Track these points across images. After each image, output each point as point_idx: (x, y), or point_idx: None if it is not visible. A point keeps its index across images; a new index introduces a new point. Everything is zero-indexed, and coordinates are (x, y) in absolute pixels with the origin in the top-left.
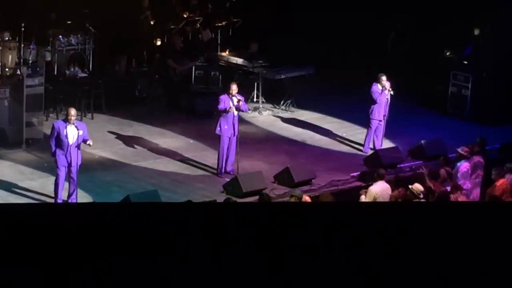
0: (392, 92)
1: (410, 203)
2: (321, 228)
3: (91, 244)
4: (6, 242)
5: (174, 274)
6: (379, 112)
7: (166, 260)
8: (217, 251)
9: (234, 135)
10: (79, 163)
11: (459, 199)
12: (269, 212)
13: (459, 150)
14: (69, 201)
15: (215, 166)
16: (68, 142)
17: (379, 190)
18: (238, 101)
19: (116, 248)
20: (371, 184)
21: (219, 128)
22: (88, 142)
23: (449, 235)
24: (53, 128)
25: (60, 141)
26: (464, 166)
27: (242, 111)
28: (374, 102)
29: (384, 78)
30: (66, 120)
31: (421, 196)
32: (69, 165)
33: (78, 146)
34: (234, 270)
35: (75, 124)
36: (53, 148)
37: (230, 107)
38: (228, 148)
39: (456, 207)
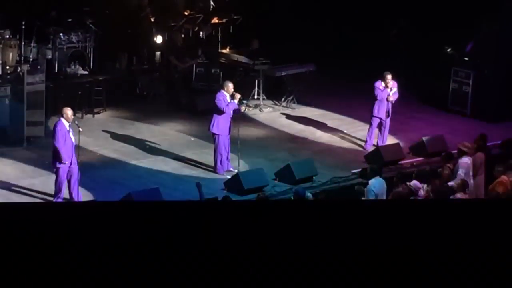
0: (394, 90)
1: (410, 200)
2: (321, 226)
3: (92, 243)
4: (6, 241)
5: (174, 272)
6: (380, 109)
7: (167, 258)
8: (217, 249)
9: (229, 133)
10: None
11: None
12: (269, 210)
13: (460, 146)
14: (71, 199)
15: None
16: (73, 141)
17: (377, 186)
18: (240, 100)
19: (117, 247)
20: (367, 183)
21: (216, 127)
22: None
23: (449, 233)
24: (57, 131)
25: (65, 141)
26: (465, 162)
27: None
28: (375, 98)
29: (389, 76)
30: (66, 120)
31: (419, 192)
32: (71, 163)
33: (77, 144)
34: (234, 268)
35: (76, 122)
36: (64, 152)
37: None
38: (227, 146)
39: (457, 204)
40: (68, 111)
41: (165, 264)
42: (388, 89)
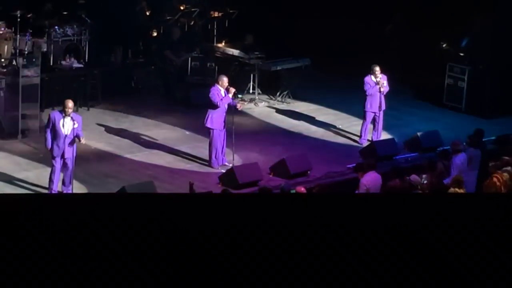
0: (384, 84)
1: (406, 194)
2: (316, 220)
3: (85, 235)
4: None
5: (168, 267)
6: (372, 104)
7: (161, 252)
8: (212, 243)
9: (224, 127)
10: (75, 155)
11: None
12: (265, 203)
13: (455, 142)
14: (64, 192)
15: None
16: (63, 133)
17: (370, 180)
18: (234, 94)
19: (111, 239)
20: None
21: (210, 121)
22: (81, 140)
23: (446, 226)
24: (49, 118)
25: (55, 132)
26: (459, 158)
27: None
28: (366, 93)
29: (377, 69)
30: (63, 112)
31: (419, 187)
32: (63, 156)
33: (73, 138)
34: (230, 263)
35: (71, 116)
36: (48, 138)
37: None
38: (222, 140)
39: (453, 198)
40: (68, 103)
41: (158, 258)
42: (378, 85)
